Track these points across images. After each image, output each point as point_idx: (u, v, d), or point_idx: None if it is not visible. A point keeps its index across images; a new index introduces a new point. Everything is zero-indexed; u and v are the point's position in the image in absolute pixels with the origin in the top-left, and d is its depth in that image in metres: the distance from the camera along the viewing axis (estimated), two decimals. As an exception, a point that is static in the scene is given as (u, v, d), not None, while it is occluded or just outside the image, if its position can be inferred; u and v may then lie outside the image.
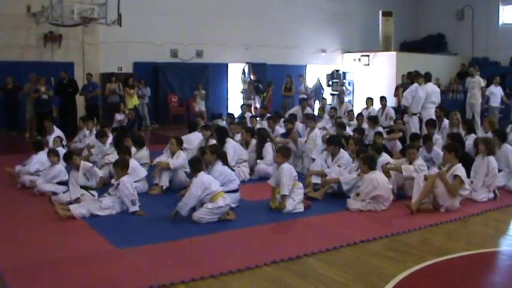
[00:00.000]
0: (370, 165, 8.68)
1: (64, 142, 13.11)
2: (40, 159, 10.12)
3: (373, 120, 13.86)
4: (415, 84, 13.78)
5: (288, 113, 16.59)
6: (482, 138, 10.14)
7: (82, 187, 8.72)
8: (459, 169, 8.47)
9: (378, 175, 8.62)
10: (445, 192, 8.37)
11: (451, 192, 8.37)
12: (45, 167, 9.93)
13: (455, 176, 8.40)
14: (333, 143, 10.08)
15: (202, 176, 7.93)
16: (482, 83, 18.36)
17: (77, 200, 8.41)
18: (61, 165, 9.64)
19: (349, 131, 13.64)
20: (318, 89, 23.41)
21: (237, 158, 10.72)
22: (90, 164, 9.27)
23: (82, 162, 9.08)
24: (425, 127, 12.62)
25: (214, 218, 7.72)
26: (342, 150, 10.08)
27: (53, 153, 9.74)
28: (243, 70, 22.67)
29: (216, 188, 7.86)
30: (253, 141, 11.60)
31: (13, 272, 5.80)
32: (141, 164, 10.01)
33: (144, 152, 10.64)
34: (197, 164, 8.06)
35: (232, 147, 10.71)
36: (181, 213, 7.76)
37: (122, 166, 8.41)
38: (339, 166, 9.65)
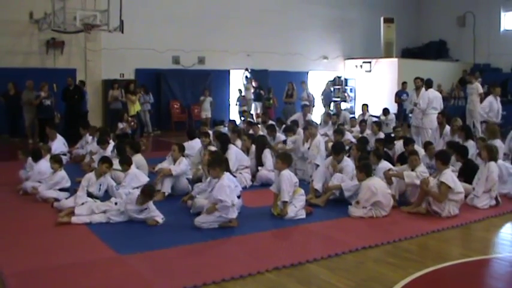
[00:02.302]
0: (367, 172, 8.70)
1: (66, 148, 13.18)
2: (40, 168, 10.04)
3: (378, 125, 13.90)
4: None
5: (290, 120, 16.62)
6: (484, 144, 10.16)
7: (89, 195, 8.74)
8: (444, 174, 8.49)
9: (375, 181, 8.64)
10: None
11: (436, 199, 8.41)
12: (46, 175, 9.89)
13: (441, 183, 8.41)
14: (338, 151, 10.00)
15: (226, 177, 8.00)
16: (481, 89, 18.36)
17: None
18: (63, 172, 9.64)
19: (350, 137, 13.68)
20: (327, 95, 23.46)
21: (239, 164, 10.73)
22: (114, 184, 9.21)
23: (108, 176, 9.15)
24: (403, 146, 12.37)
25: (214, 224, 7.73)
26: (346, 158, 10.02)
27: (53, 160, 9.73)
28: (246, 76, 22.70)
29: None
30: (254, 148, 11.62)
31: (15, 278, 5.82)
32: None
33: (139, 157, 10.57)
34: (223, 164, 8.17)
35: (234, 153, 10.73)
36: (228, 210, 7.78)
37: (147, 194, 8.09)
38: (339, 172, 9.60)
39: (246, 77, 22.71)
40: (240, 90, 22.37)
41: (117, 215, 8.11)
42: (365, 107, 17.67)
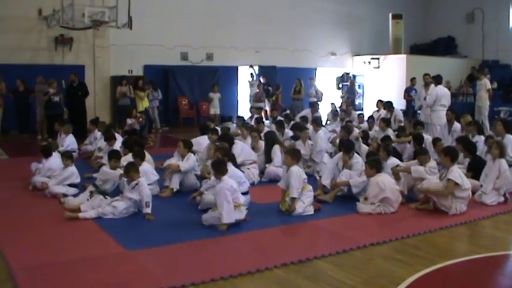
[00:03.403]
0: (377, 168, 8.69)
1: (76, 145, 13.23)
2: (51, 165, 10.04)
3: (386, 121, 13.87)
4: None
5: (299, 116, 16.64)
6: (494, 141, 10.10)
7: (98, 190, 8.77)
8: (452, 172, 8.41)
9: (383, 177, 8.61)
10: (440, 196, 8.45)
11: (441, 195, 8.38)
12: (56, 172, 9.91)
13: (449, 180, 8.37)
14: (348, 149, 9.91)
15: (227, 180, 7.74)
16: (489, 85, 18.32)
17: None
18: (74, 168, 9.67)
19: (357, 133, 13.65)
20: (351, 91, 23.42)
21: (245, 158, 10.72)
22: (126, 178, 9.16)
23: (120, 171, 9.05)
24: (413, 128, 12.82)
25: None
26: (355, 154, 9.98)
27: (65, 157, 9.77)
28: (251, 74, 22.69)
29: (239, 196, 7.83)
30: (262, 144, 11.63)
31: (24, 273, 5.85)
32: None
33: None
34: (222, 166, 7.89)
35: (240, 147, 10.74)
36: (230, 222, 7.52)
37: (134, 169, 8.37)
38: (349, 168, 9.59)
39: (251, 73, 22.70)
40: (258, 86, 22.34)
41: (120, 200, 8.24)
42: (380, 103, 17.57)
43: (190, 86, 22.16)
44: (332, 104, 20.65)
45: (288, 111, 18.34)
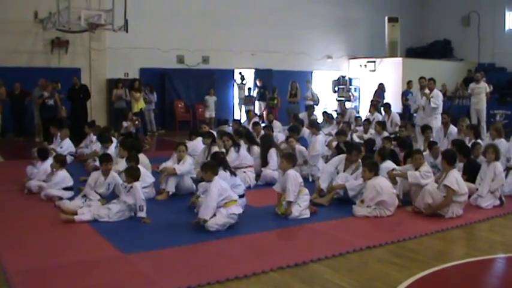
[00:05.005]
0: (376, 171, 8.69)
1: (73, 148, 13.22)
2: (47, 168, 9.97)
3: (382, 125, 13.86)
4: None
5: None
6: (490, 144, 10.09)
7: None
8: (448, 177, 8.40)
9: (380, 180, 8.61)
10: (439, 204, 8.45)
11: (444, 206, 8.38)
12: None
13: (445, 186, 8.37)
14: (351, 150, 9.85)
15: (218, 180, 7.82)
16: (488, 88, 18.32)
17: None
18: (64, 171, 9.61)
19: (354, 137, 13.65)
20: (380, 94, 23.39)
21: (242, 162, 10.71)
22: (121, 181, 8.92)
23: (116, 175, 9.05)
24: (422, 132, 12.77)
25: (223, 228, 7.65)
26: None
27: (55, 160, 9.73)
28: (241, 77, 22.67)
29: (230, 193, 7.85)
30: (255, 148, 11.62)
31: (20, 276, 5.83)
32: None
33: (142, 157, 10.50)
34: (213, 168, 7.93)
35: (241, 152, 10.75)
36: (204, 218, 7.55)
37: (130, 174, 8.35)
38: (355, 170, 9.56)
39: (242, 77, 22.67)
40: (249, 89, 22.37)
41: (116, 203, 8.25)
42: (372, 107, 17.60)
43: (186, 89, 22.18)
44: (324, 112, 20.44)
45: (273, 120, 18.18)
